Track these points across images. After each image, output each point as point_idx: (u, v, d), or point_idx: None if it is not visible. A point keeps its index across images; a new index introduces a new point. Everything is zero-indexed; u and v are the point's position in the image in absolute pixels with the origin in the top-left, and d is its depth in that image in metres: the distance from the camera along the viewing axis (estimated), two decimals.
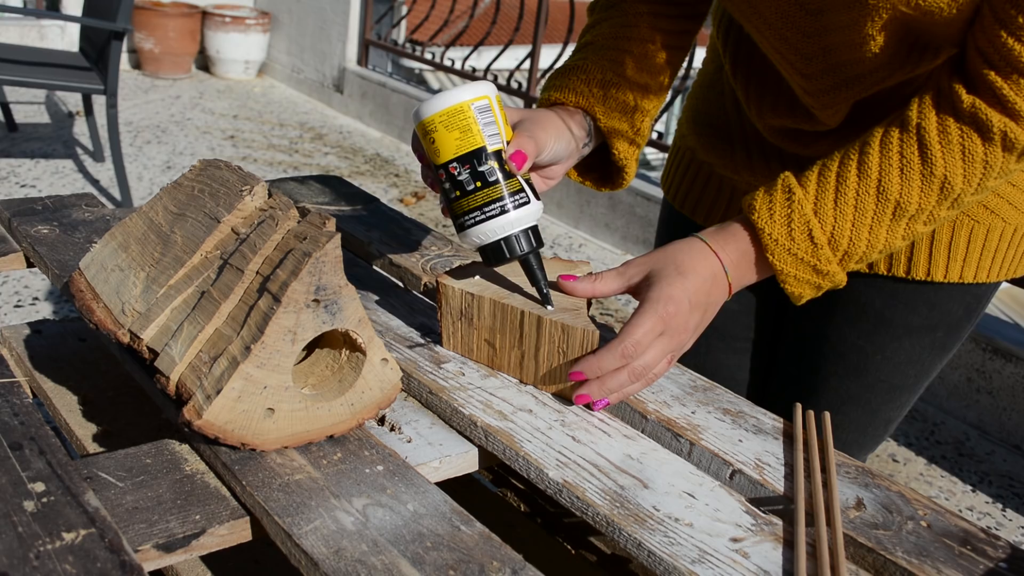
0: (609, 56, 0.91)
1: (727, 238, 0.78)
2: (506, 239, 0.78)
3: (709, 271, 0.77)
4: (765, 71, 0.94)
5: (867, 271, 0.94)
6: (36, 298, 2.57)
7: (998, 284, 0.95)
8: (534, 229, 0.79)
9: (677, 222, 1.11)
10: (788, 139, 0.94)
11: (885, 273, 0.93)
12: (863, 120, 0.86)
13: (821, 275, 0.78)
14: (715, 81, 1.04)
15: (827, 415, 0.80)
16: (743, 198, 0.81)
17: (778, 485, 0.72)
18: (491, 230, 0.77)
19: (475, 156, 0.76)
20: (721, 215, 1.04)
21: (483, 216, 0.77)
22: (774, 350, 1.10)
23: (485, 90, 0.78)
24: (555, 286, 0.82)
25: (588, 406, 0.78)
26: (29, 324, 0.97)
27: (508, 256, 0.78)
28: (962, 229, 0.89)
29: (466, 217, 0.78)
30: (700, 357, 1.10)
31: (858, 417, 1.01)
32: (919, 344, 0.96)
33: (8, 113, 3.80)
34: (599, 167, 0.98)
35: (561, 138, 0.84)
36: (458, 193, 0.77)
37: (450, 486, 0.72)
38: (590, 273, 0.81)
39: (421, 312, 0.95)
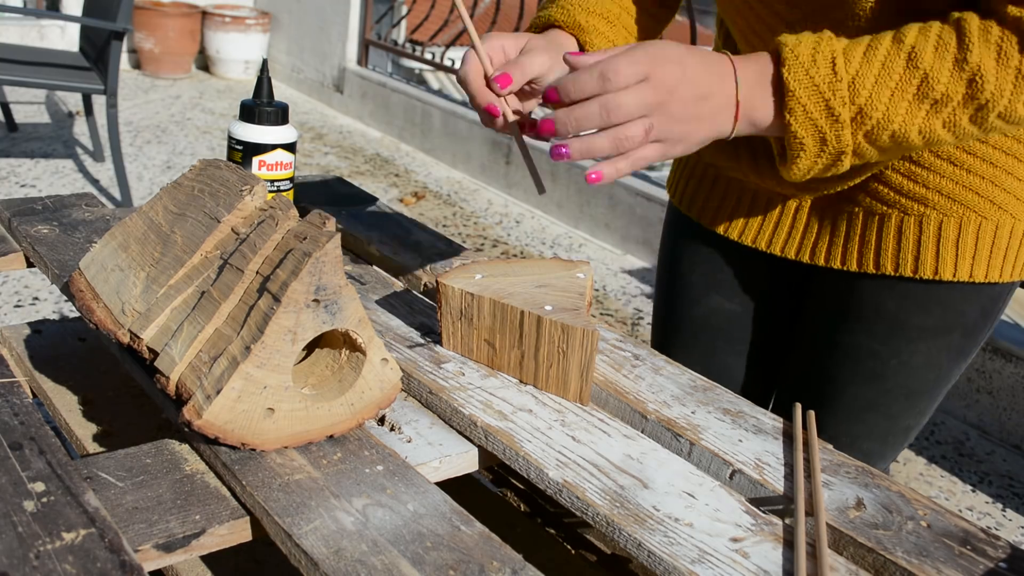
0: None
1: (748, 58, 0.75)
2: None
3: (718, 66, 0.73)
4: None
5: (874, 271, 0.93)
6: (36, 298, 2.57)
7: (1014, 285, 0.93)
8: None
9: (683, 225, 1.11)
10: None
11: (893, 273, 0.92)
12: None
13: (831, 120, 0.73)
14: None
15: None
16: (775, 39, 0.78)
17: (778, 485, 0.72)
18: None
19: None
20: (728, 215, 1.04)
21: None
22: (782, 358, 1.10)
23: None
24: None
25: (553, 152, 0.71)
26: (29, 324, 0.97)
27: None
28: (969, 225, 0.88)
29: None
30: (706, 359, 1.10)
31: (877, 425, 0.98)
32: (935, 347, 0.94)
33: (8, 113, 3.80)
34: None
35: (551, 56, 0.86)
36: None
37: (450, 486, 0.72)
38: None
39: (421, 312, 0.96)
